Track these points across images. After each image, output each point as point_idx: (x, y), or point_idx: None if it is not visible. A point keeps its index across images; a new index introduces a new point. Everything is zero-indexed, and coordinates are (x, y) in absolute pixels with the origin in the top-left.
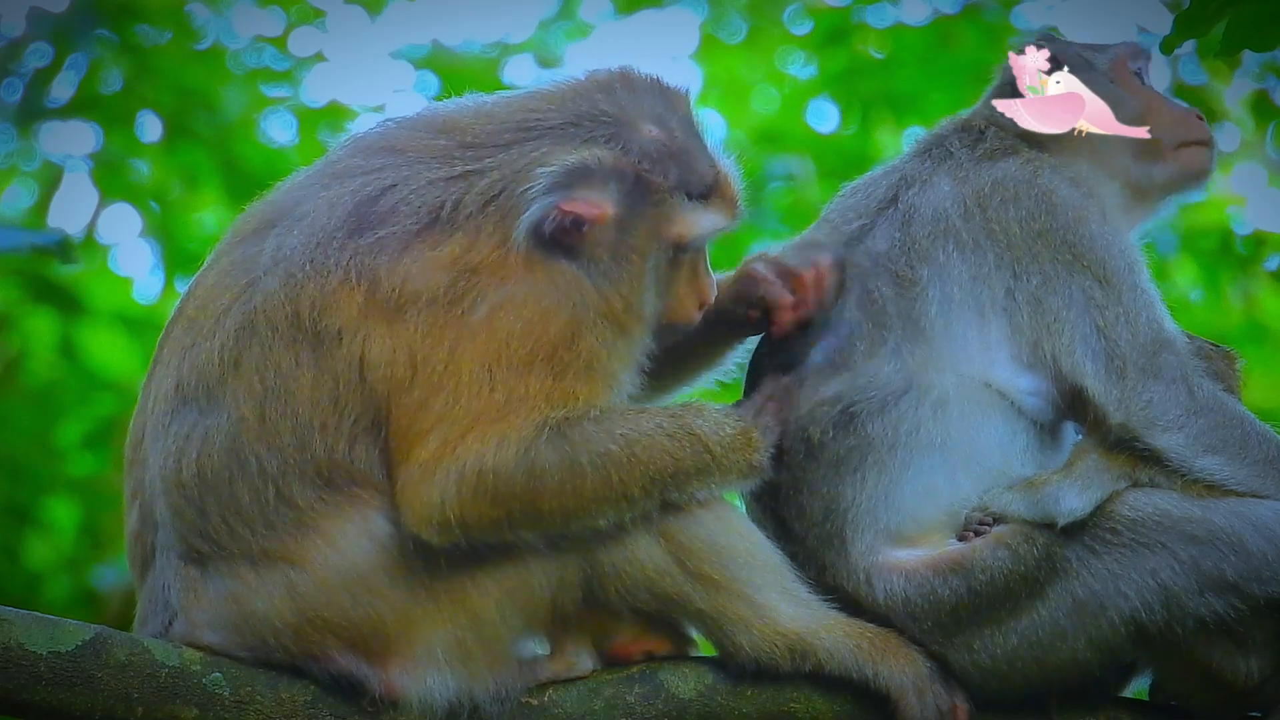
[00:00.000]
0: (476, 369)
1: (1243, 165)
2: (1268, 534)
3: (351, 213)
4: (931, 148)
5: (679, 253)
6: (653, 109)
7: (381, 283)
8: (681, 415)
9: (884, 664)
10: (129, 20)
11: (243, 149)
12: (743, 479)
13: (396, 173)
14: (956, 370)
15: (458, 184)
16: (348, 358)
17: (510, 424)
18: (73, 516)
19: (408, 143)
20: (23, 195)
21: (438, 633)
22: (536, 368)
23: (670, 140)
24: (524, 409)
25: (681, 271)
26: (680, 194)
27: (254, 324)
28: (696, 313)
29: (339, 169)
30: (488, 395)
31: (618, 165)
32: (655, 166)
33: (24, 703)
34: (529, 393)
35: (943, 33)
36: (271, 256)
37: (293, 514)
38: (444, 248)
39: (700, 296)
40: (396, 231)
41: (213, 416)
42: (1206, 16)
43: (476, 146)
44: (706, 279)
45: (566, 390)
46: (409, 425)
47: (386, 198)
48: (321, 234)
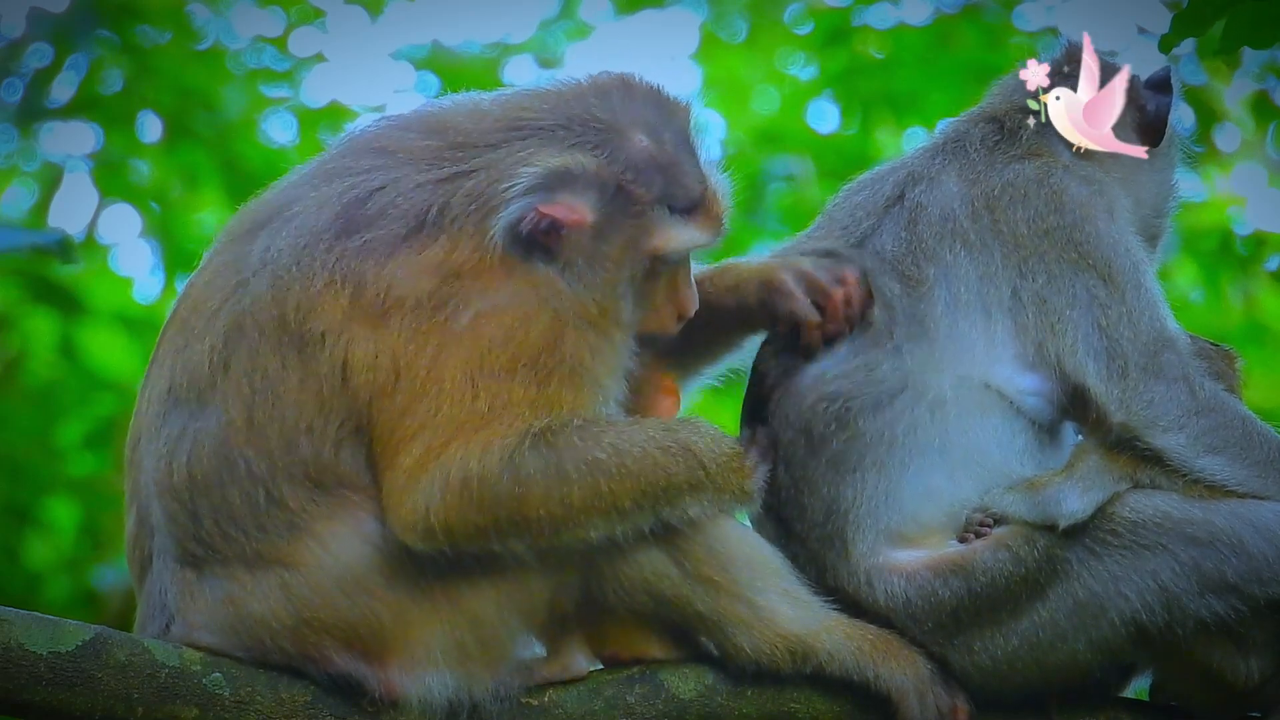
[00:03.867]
0: (459, 376)
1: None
2: (1268, 535)
3: (339, 214)
4: (947, 143)
5: (657, 264)
6: (647, 118)
7: (367, 287)
8: (676, 430)
9: (885, 665)
10: (129, 20)
11: (243, 149)
12: (735, 501)
13: (385, 174)
14: (956, 371)
15: (445, 187)
16: (331, 361)
17: (495, 431)
18: (73, 516)
19: (399, 143)
20: (23, 195)
21: (436, 633)
22: (520, 374)
23: (659, 152)
24: (508, 416)
25: (660, 282)
26: (662, 207)
27: (242, 326)
28: (675, 324)
29: (330, 169)
30: (470, 403)
31: (600, 173)
32: (639, 177)
33: (24, 703)
34: (512, 400)
35: (943, 33)
36: (260, 257)
37: (284, 516)
38: (429, 252)
39: (678, 308)
40: (384, 235)
41: (202, 419)
42: (1205, 15)
43: (466, 147)
44: (687, 290)
45: (551, 397)
46: (392, 431)
47: (375, 200)
48: (309, 235)
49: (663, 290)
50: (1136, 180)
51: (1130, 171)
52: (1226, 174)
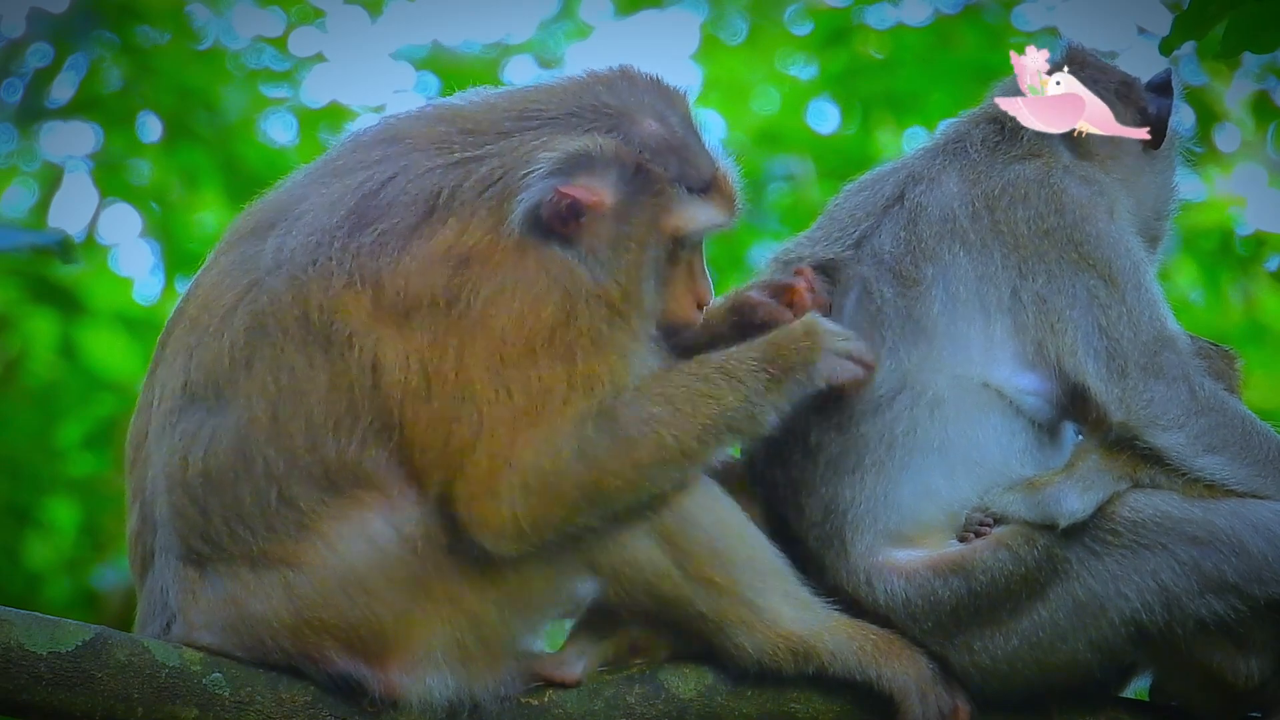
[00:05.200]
0: (486, 376)
1: (1243, 166)
2: (1268, 535)
3: (353, 210)
4: (948, 144)
5: (677, 247)
6: (653, 105)
7: (385, 287)
8: (708, 360)
9: (887, 665)
10: (129, 20)
11: (243, 149)
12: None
13: (395, 163)
14: (954, 371)
15: (455, 171)
16: (360, 363)
17: (548, 422)
18: (73, 516)
19: (407, 131)
20: (23, 195)
21: (437, 633)
22: (541, 356)
23: (670, 135)
24: (550, 403)
25: (679, 269)
26: (680, 187)
27: (264, 325)
28: (696, 314)
29: (338, 166)
30: (509, 401)
31: (619, 154)
32: (656, 158)
33: (24, 703)
34: (547, 384)
35: (943, 33)
36: (273, 257)
37: (294, 516)
38: (439, 238)
39: (698, 296)
40: (396, 225)
41: (221, 415)
42: (1206, 17)
43: (476, 133)
44: (704, 280)
45: (584, 372)
46: (446, 440)
47: (386, 190)
48: (322, 233)
49: (680, 278)
50: (1137, 181)
51: (1131, 172)
52: (1226, 174)
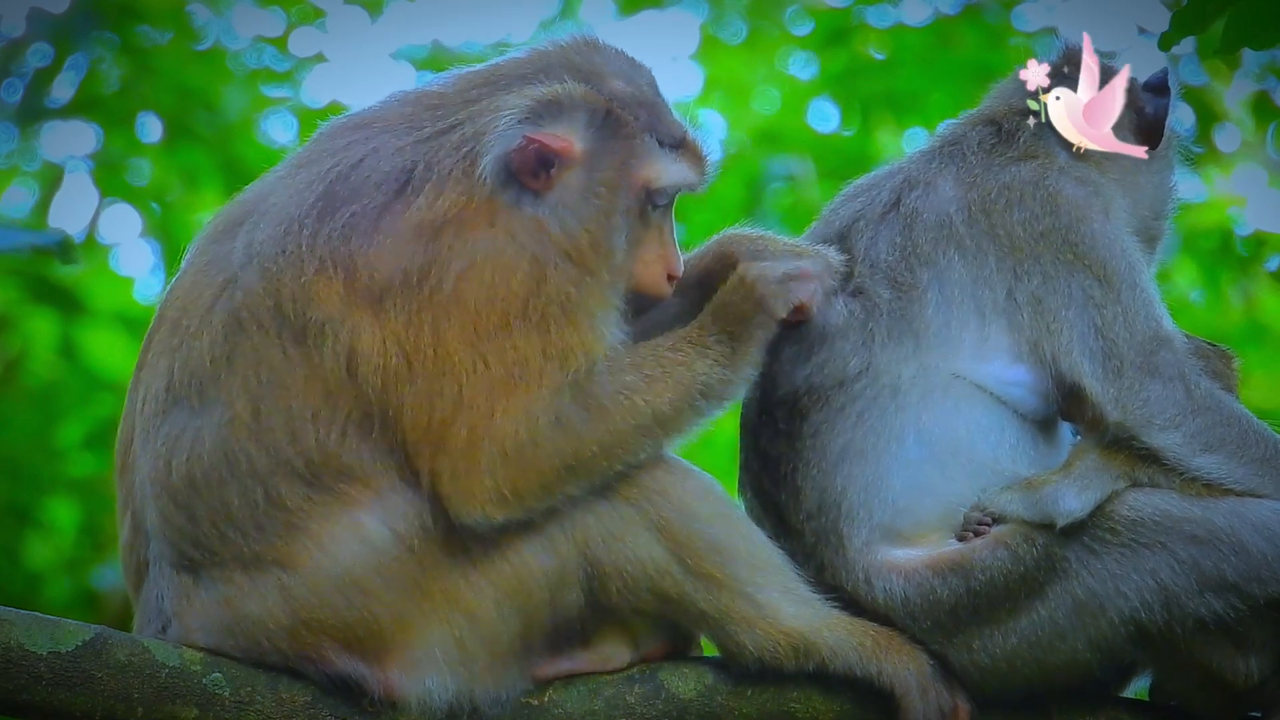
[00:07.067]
0: (463, 350)
1: (1243, 166)
2: (1267, 534)
3: (321, 195)
4: (944, 147)
5: (648, 202)
6: (621, 68)
7: (358, 270)
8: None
9: (888, 662)
10: (129, 20)
11: (243, 149)
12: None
13: (364, 146)
14: (921, 360)
15: (428, 145)
16: (335, 351)
17: (527, 392)
18: (73, 517)
19: (374, 117)
20: (23, 195)
21: (435, 633)
22: (515, 327)
23: (639, 92)
24: (529, 372)
25: (650, 233)
26: (651, 138)
27: (240, 321)
28: (666, 285)
29: (305, 158)
30: (485, 372)
31: (588, 99)
32: (626, 108)
33: (24, 703)
34: (522, 355)
35: (943, 33)
36: (244, 252)
37: (282, 516)
38: (411, 212)
39: (667, 266)
40: (368, 206)
41: (204, 415)
42: (1205, 13)
43: (444, 106)
44: (673, 249)
45: (560, 343)
46: (429, 417)
47: (356, 173)
48: (290, 222)
49: (652, 243)
50: (1134, 181)
51: (1128, 173)
52: (1226, 174)
